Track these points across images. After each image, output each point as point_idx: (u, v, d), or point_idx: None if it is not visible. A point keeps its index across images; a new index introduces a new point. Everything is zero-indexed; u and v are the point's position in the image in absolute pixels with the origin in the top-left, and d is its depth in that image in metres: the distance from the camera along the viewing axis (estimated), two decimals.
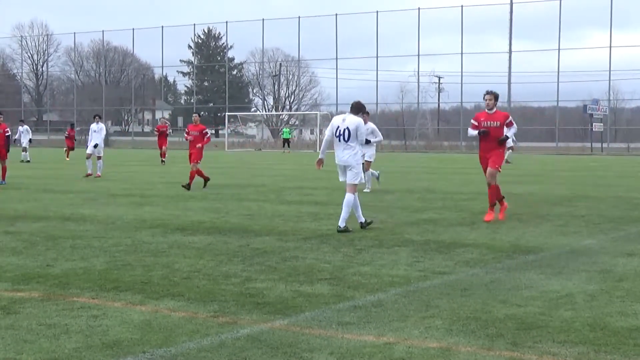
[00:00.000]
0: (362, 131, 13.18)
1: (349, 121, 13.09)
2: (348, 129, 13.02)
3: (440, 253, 10.75)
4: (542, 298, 7.86)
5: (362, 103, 13.88)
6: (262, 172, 32.20)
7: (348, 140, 13.03)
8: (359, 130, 13.04)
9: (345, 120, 13.15)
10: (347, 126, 13.04)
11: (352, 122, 13.07)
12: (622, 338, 6.35)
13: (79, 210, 16.14)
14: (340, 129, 13.09)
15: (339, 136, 13.10)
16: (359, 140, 13.14)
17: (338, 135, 13.11)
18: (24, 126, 43.56)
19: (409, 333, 6.50)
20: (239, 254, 10.62)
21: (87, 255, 10.41)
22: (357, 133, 13.02)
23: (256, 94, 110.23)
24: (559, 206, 17.52)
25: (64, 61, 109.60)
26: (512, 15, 75.47)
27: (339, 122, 13.21)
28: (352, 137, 13.01)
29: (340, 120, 13.23)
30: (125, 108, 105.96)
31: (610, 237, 12.50)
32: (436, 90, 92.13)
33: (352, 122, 13.07)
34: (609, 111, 76.07)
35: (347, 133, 13.03)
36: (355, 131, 13.00)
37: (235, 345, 6.11)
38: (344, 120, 13.14)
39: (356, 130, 13.01)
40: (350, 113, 13.35)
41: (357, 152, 13.11)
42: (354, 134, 13.00)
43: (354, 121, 13.08)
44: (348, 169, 13.12)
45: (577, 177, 29.77)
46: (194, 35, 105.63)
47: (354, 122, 13.07)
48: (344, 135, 13.04)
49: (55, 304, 7.54)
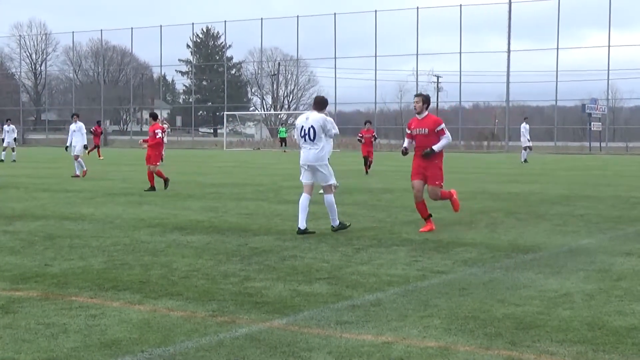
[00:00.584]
0: (329, 126, 12.72)
1: (312, 119, 12.60)
2: (313, 127, 12.55)
3: (439, 252, 10.75)
4: (541, 297, 7.86)
5: (326, 98, 13.30)
6: (261, 172, 32.20)
7: (314, 140, 12.55)
8: (324, 127, 12.58)
9: (308, 118, 12.65)
10: (312, 124, 12.56)
11: (315, 119, 12.58)
12: (621, 337, 6.36)
13: (77, 210, 16.14)
14: (305, 129, 12.60)
15: (304, 136, 12.61)
16: (328, 135, 12.78)
17: (303, 135, 12.62)
18: (10, 125, 43.17)
19: (407, 332, 6.50)
20: (237, 253, 10.62)
21: (86, 255, 10.40)
22: (324, 130, 12.58)
23: (255, 94, 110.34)
24: (557, 205, 17.53)
25: (63, 60, 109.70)
26: (510, 14, 75.48)
27: (302, 121, 12.73)
28: (317, 136, 12.54)
29: (304, 119, 12.74)
30: (123, 107, 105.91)
31: (608, 237, 12.50)
32: (435, 89, 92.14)
33: (315, 119, 12.58)
34: (607, 110, 76.09)
35: (312, 132, 12.56)
36: (320, 129, 12.54)
37: (234, 345, 6.11)
38: (307, 119, 12.66)
39: (321, 127, 12.55)
40: (314, 110, 12.82)
41: (324, 151, 12.66)
42: (319, 132, 12.54)
43: (317, 118, 12.59)
44: (316, 170, 12.68)
45: (575, 176, 29.77)
46: (192, 35, 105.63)
47: (318, 119, 12.58)
48: (309, 135, 12.56)
49: (53, 303, 7.53)
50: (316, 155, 12.59)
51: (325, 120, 12.64)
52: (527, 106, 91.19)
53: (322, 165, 12.67)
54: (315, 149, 12.57)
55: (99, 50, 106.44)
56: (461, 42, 78.27)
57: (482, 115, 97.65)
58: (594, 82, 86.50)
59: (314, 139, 12.55)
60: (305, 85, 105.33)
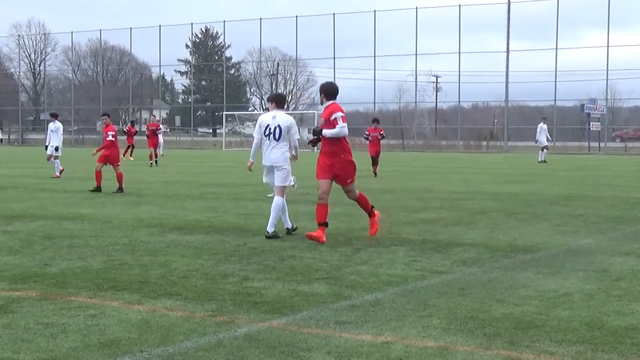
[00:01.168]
0: (294, 131, 12.41)
1: (280, 119, 12.31)
2: (279, 126, 12.24)
3: (438, 252, 10.75)
4: (540, 297, 7.86)
5: (283, 94, 12.86)
6: (260, 172, 32.14)
7: (279, 140, 12.26)
8: (290, 130, 12.32)
9: (275, 117, 12.33)
10: (279, 124, 12.25)
11: (283, 120, 12.31)
12: (620, 337, 6.36)
13: (76, 210, 16.14)
14: (271, 127, 12.29)
15: (268, 135, 12.29)
16: (291, 140, 12.43)
17: (268, 134, 12.30)
18: None
19: (406, 332, 6.50)
20: (236, 253, 10.62)
21: (85, 255, 10.40)
22: (290, 132, 12.32)
23: (254, 93, 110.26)
24: (556, 205, 17.53)
25: (62, 60, 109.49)
26: (509, 14, 75.46)
27: (268, 119, 12.37)
28: (283, 136, 12.26)
29: (270, 117, 12.38)
30: (122, 107, 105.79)
31: (607, 237, 12.51)
32: (434, 89, 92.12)
33: (283, 120, 12.31)
34: (606, 110, 76.05)
35: (278, 131, 12.25)
36: (287, 130, 12.27)
37: (233, 345, 6.11)
38: (274, 118, 12.33)
39: (288, 129, 12.28)
40: (277, 108, 12.48)
41: (286, 152, 12.36)
42: (285, 133, 12.26)
43: (285, 119, 12.34)
44: (276, 169, 12.40)
45: (574, 176, 29.78)
46: (191, 35, 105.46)
47: (286, 120, 12.34)
48: (275, 134, 12.26)
49: (52, 303, 7.53)
50: (279, 155, 12.31)
51: (292, 124, 12.40)
52: (526, 106, 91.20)
53: (282, 166, 12.35)
54: (278, 149, 12.30)
55: (98, 50, 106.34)
56: (460, 42, 78.21)
57: (481, 115, 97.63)
58: (593, 82, 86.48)
59: (279, 139, 12.26)
60: (304, 85, 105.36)
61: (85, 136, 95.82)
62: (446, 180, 27.01)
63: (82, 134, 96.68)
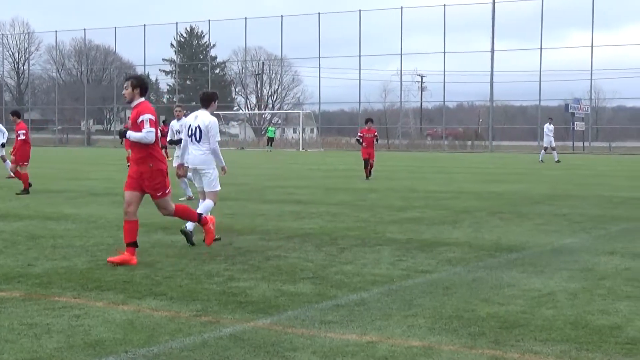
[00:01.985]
0: (214, 132, 11.61)
1: (200, 119, 11.61)
2: (199, 127, 11.56)
3: (423, 252, 10.77)
4: (524, 296, 7.89)
5: (211, 93, 12.02)
6: (245, 171, 32.14)
7: (199, 141, 11.54)
8: (210, 131, 11.56)
9: (197, 117, 11.67)
10: (198, 124, 11.57)
11: (203, 120, 11.60)
12: (604, 336, 6.39)
13: (60, 210, 16.08)
14: (192, 128, 11.64)
15: (190, 136, 11.65)
16: (211, 142, 11.59)
17: (191, 135, 11.65)
18: None
19: (391, 332, 6.51)
20: (221, 253, 10.60)
21: (69, 255, 10.36)
22: (209, 134, 11.56)
23: (239, 93, 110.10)
24: (541, 205, 17.59)
25: (46, 59, 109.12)
26: (494, 14, 75.65)
27: (191, 120, 11.75)
28: (203, 138, 11.53)
29: (193, 118, 11.75)
30: (107, 107, 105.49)
31: (591, 236, 12.56)
32: (419, 89, 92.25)
33: (203, 120, 11.60)
34: (590, 110, 76.36)
35: (198, 132, 11.57)
36: (206, 130, 11.54)
37: (218, 345, 6.10)
38: (196, 118, 11.68)
39: (207, 129, 11.55)
40: (202, 108, 11.79)
41: (209, 154, 11.57)
42: (205, 133, 11.54)
43: (205, 119, 11.59)
44: (201, 173, 11.68)
45: (558, 175, 29.89)
46: (176, 34, 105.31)
47: (205, 120, 11.58)
48: (195, 135, 11.58)
49: (36, 303, 7.50)
50: (201, 157, 11.58)
51: (212, 125, 11.61)
52: (511, 106, 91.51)
53: (207, 170, 11.64)
54: (199, 152, 11.57)
55: (82, 49, 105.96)
56: (445, 42, 78.33)
57: (466, 115, 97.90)
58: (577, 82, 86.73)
59: (200, 140, 11.57)
60: (289, 84, 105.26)
61: (69, 136, 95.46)
62: (431, 180, 27.05)
63: (66, 134, 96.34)
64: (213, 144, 11.61)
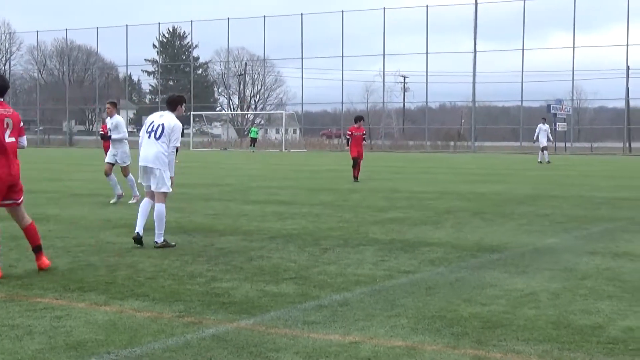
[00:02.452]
0: (176, 136, 11.42)
1: (166, 118, 11.44)
2: (163, 125, 11.33)
3: (405, 252, 10.78)
4: (506, 296, 7.91)
5: (178, 96, 11.94)
6: (228, 172, 32.11)
7: (159, 138, 11.28)
8: (173, 133, 11.34)
9: (162, 116, 11.51)
10: (163, 123, 11.36)
11: (168, 121, 11.42)
12: (585, 336, 6.42)
13: (43, 211, 15.99)
14: (154, 125, 11.41)
15: (150, 132, 11.38)
16: (170, 144, 11.34)
17: (150, 131, 11.38)
18: None
19: (374, 332, 6.51)
20: (204, 253, 10.58)
21: (51, 256, 10.30)
22: (171, 136, 11.31)
23: (221, 94, 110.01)
24: (523, 205, 17.65)
25: (27, 60, 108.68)
26: (476, 15, 75.87)
27: (155, 117, 11.56)
28: (164, 136, 11.27)
29: (158, 116, 11.58)
30: (89, 107, 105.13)
31: (573, 236, 12.61)
32: (401, 89, 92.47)
33: (168, 121, 11.42)
34: (572, 111, 76.71)
35: (160, 129, 11.33)
36: (170, 131, 11.30)
37: (201, 345, 6.09)
38: (161, 117, 11.51)
39: (171, 130, 11.32)
40: (168, 110, 11.64)
41: (163, 154, 11.28)
42: (167, 133, 11.28)
43: (171, 121, 11.42)
44: (153, 171, 11.32)
45: (540, 176, 29.99)
46: (158, 34, 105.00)
47: (171, 122, 11.41)
48: (156, 132, 11.33)
49: (18, 304, 7.47)
50: (156, 155, 11.29)
51: (176, 127, 11.43)
52: (493, 106, 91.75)
53: (158, 168, 11.31)
54: (156, 149, 11.30)
55: (64, 49, 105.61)
56: (428, 43, 78.45)
57: (448, 116, 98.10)
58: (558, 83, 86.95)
59: (159, 137, 11.30)
60: (272, 85, 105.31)
61: (51, 136, 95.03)
62: (413, 180, 27.09)
63: (47, 134, 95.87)
64: (172, 148, 11.38)
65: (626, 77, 70.17)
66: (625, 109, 73.02)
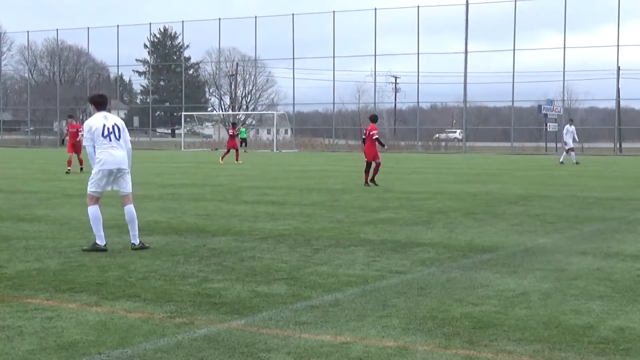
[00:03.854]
0: (127, 133, 11.24)
1: (113, 119, 11.06)
2: (117, 125, 10.98)
3: (397, 252, 10.79)
4: (498, 297, 7.92)
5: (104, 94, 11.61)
6: (219, 172, 32.07)
7: (119, 139, 10.93)
8: (126, 130, 11.16)
9: (107, 117, 11.02)
10: (115, 123, 10.99)
11: (116, 120, 11.10)
12: (576, 336, 6.43)
13: (33, 211, 15.96)
14: (108, 127, 10.90)
15: (108, 135, 10.87)
16: (127, 142, 11.11)
17: (107, 135, 10.87)
18: None
19: (366, 332, 6.51)
20: (195, 254, 10.57)
21: (41, 256, 10.29)
22: (124, 134, 11.07)
23: (213, 94, 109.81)
24: (514, 205, 17.68)
25: (17, 60, 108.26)
26: (467, 15, 75.93)
27: (100, 121, 10.95)
28: (122, 135, 10.99)
29: (101, 118, 10.99)
30: (80, 107, 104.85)
31: (564, 236, 12.63)
32: (393, 90, 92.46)
33: (116, 120, 11.10)
34: (563, 111, 76.83)
35: (117, 130, 10.94)
36: (123, 129, 11.05)
37: (192, 346, 6.09)
38: (105, 118, 10.99)
39: (124, 128, 11.11)
40: (99, 110, 11.09)
41: (128, 153, 11.07)
42: (123, 132, 11.03)
43: (117, 120, 11.13)
44: (122, 174, 11.01)
45: (532, 176, 30.05)
46: (150, 35, 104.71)
47: (118, 121, 11.12)
48: (115, 133, 10.92)
49: (8, 305, 7.45)
50: (125, 156, 11.01)
51: (124, 124, 11.23)
52: (484, 107, 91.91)
53: (127, 170, 11.09)
54: (122, 150, 10.98)
55: (55, 49, 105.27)
56: (419, 43, 78.40)
57: (439, 116, 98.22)
58: (549, 83, 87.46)
59: (119, 138, 10.97)
60: (263, 85, 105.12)
61: (42, 136, 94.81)
62: (405, 180, 27.11)
63: (38, 134, 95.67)
64: (128, 144, 11.15)
65: (617, 78, 70.27)
66: (615, 110, 73.16)
